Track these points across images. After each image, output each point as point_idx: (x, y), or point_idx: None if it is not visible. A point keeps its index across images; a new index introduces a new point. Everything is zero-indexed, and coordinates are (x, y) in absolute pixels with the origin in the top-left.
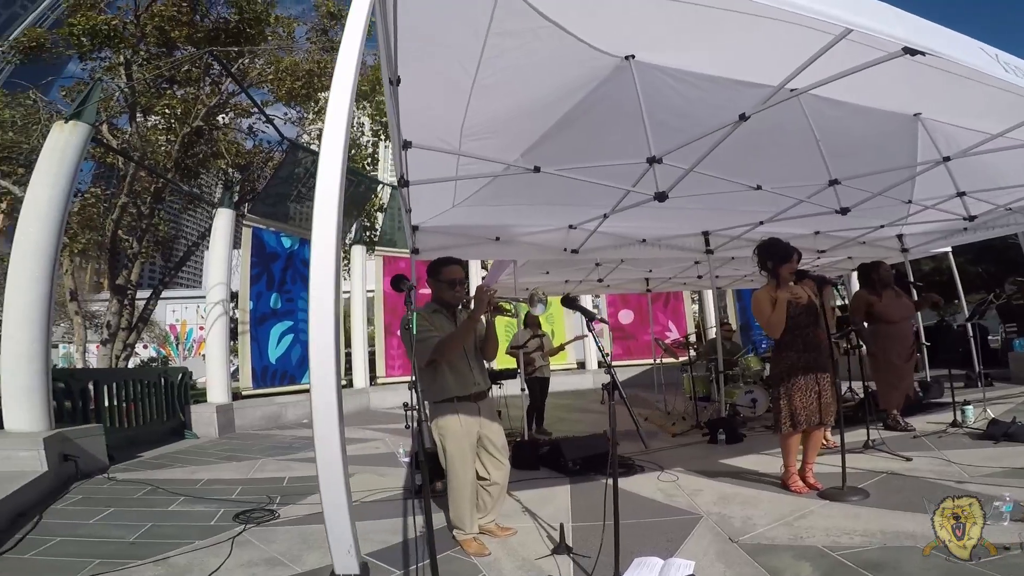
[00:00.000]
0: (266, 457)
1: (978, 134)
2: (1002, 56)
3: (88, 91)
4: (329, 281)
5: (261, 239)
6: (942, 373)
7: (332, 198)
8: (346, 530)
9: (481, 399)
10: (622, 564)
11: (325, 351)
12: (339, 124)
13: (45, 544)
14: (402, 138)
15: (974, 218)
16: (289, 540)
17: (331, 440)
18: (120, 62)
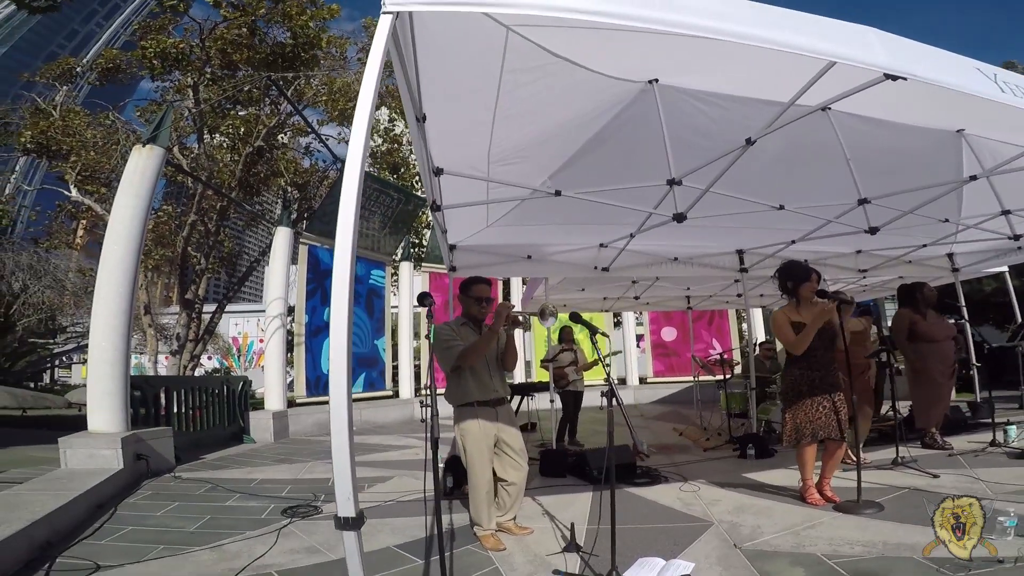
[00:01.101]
0: (315, 460)
1: (1019, 148)
2: (1001, 76)
3: (162, 116)
4: (345, 260)
5: (316, 256)
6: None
7: (348, 227)
8: (347, 483)
9: (500, 405)
10: (629, 564)
11: (339, 333)
12: (357, 153)
13: (118, 532)
14: (434, 165)
15: (1020, 236)
16: (328, 532)
17: (340, 413)
18: (188, 83)
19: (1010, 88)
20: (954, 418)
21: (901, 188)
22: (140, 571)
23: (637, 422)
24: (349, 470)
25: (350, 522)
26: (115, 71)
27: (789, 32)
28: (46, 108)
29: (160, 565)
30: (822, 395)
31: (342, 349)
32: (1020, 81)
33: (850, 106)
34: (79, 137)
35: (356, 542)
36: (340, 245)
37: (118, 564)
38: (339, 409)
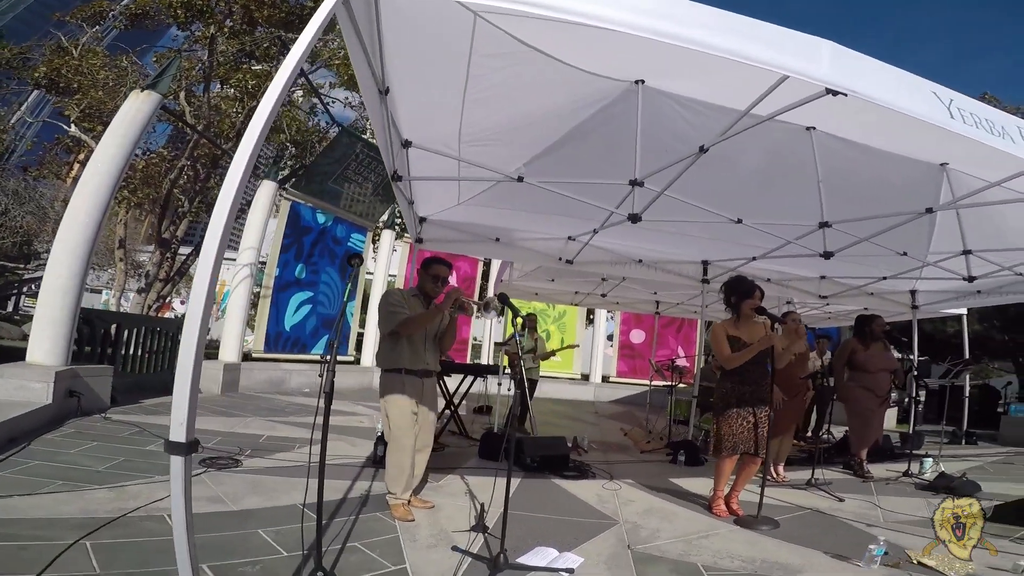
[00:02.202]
0: (256, 417)
1: (1002, 190)
2: (957, 102)
3: (167, 65)
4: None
5: (297, 212)
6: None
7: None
8: (183, 411)
9: (427, 377)
10: (527, 550)
11: (208, 256)
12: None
13: (22, 465)
14: (403, 138)
15: (974, 278)
16: (237, 485)
17: (191, 340)
18: (207, 35)
19: (962, 115)
20: (883, 447)
21: (863, 214)
22: (28, 503)
23: (590, 419)
24: (187, 398)
25: (180, 447)
26: (143, 17)
27: (740, 40)
28: (67, 47)
29: (51, 499)
30: (748, 410)
31: (207, 274)
32: (978, 109)
33: (838, 128)
34: (91, 76)
35: (182, 466)
36: (235, 164)
37: (5, 495)
38: (191, 337)
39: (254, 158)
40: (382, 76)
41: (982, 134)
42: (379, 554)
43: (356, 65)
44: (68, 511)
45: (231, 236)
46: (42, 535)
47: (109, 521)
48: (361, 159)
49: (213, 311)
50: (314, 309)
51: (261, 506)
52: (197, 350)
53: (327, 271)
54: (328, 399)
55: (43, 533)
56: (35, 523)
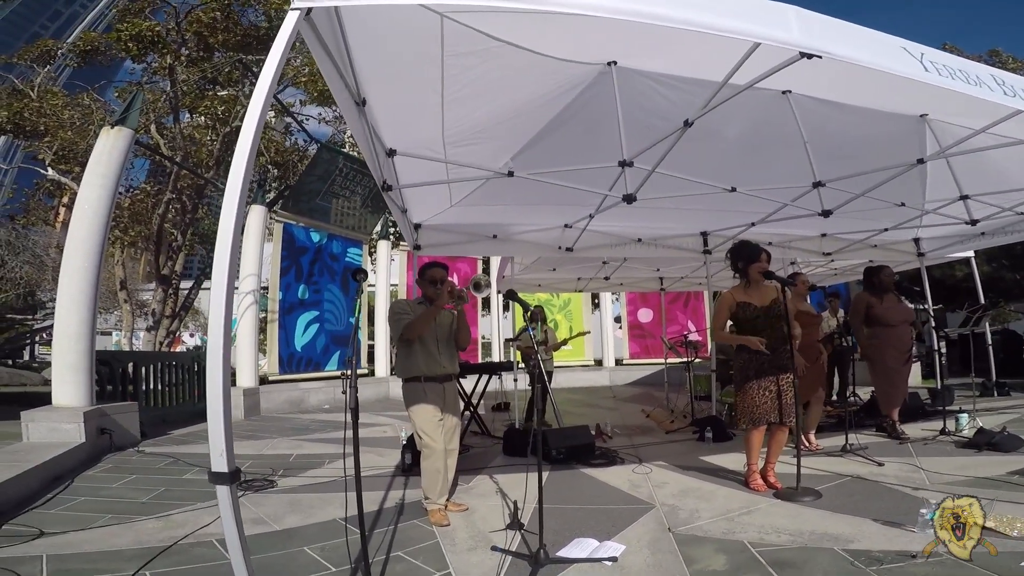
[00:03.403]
0: (281, 437)
1: (988, 136)
2: (928, 56)
3: (131, 99)
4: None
5: (291, 234)
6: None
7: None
8: (220, 440)
9: (447, 381)
10: (566, 543)
11: (219, 290)
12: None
13: (69, 502)
14: (386, 147)
15: (976, 222)
16: (277, 505)
17: (216, 374)
18: (164, 65)
19: (936, 68)
20: (912, 405)
21: (854, 171)
22: (82, 538)
23: (609, 404)
24: (222, 428)
25: (223, 477)
26: (94, 53)
27: (709, 12)
28: (23, 89)
29: (104, 532)
30: (768, 379)
31: (220, 308)
32: (949, 61)
33: (813, 90)
34: (55, 117)
35: (229, 495)
36: (228, 196)
37: (62, 531)
38: (215, 370)
39: (247, 185)
40: (357, 88)
41: (960, 84)
42: (422, 561)
43: (329, 80)
44: (122, 543)
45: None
46: (103, 568)
47: (163, 550)
48: (345, 173)
49: None
50: (322, 327)
51: (302, 523)
52: (224, 381)
53: (329, 288)
54: (355, 415)
55: (103, 566)
56: (93, 557)
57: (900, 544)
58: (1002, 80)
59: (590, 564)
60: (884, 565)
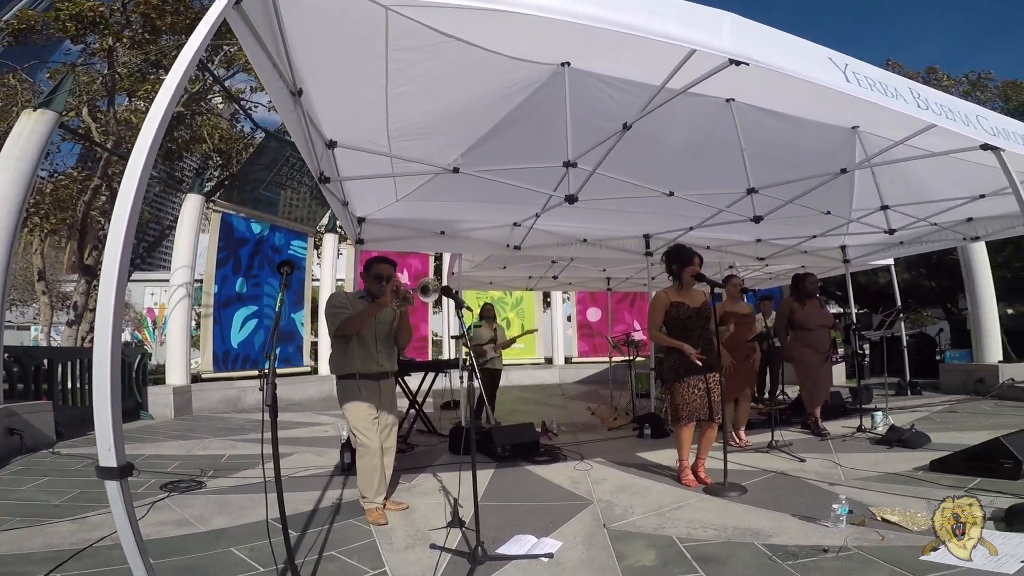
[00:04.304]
0: (214, 437)
1: (908, 148)
2: (852, 66)
3: (60, 81)
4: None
5: (230, 224)
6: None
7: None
8: (108, 434)
9: (383, 379)
10: (506, 540)
11: (109, 276)
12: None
13: None
14: (326, 138)
15: (894, 231)
16: (204, 506)
17: (104, 365)
18: (103, 47)
19: (858, 79)
20: (834, 403)
21: (784, 179)
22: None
23: (557, 402)
24: (110, 421)
25: (111, 472)
26: (29, 32)
27: (648, 16)
28: None
29: (12, 536)
30: (697, 377)
31: (110, 295)
32: (872, 73)
33: (757, 99)
34: None
35: (119, 491)
36: (125, 186)
37: None
38: (103, 362)
39: (150, 163)
40: (292, 78)
41: (877, 95)
42: (357, 560)
43: (259, 68)
44: (32, 546)
45: (161, 257)
46: (10, 571)
47: (76, 552)
48: (293, 163)
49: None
50: (261, 323)
51: (231, 524)
52: (111, 372)
53: (270, 282)
54: (273, 411)
55: (11, 569)
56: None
57: (815, 539)
58: (918, 93)
59: (527, 561)
60: (799, 560)
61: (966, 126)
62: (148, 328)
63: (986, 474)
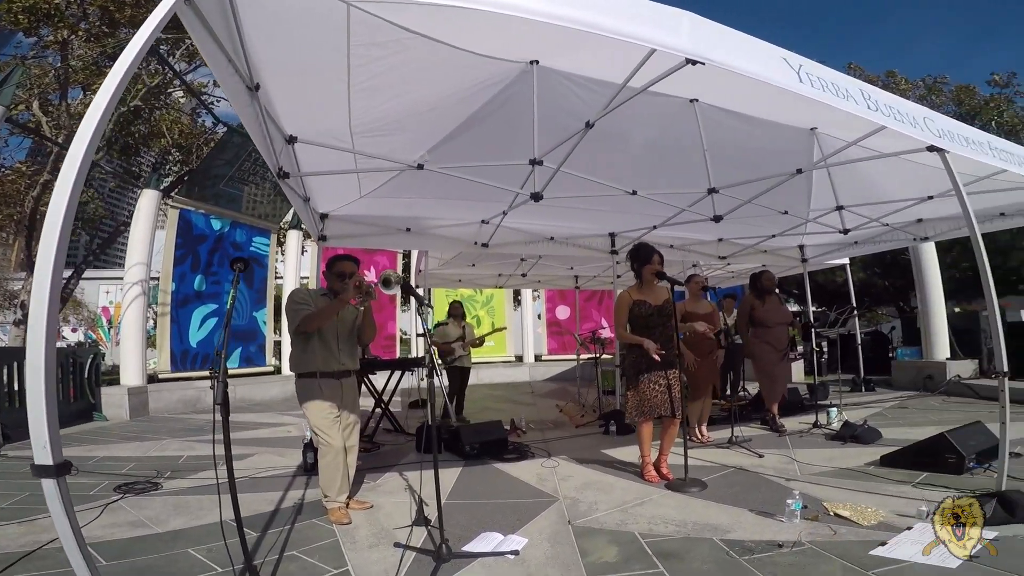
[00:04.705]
0: (172, 438)
1: (861, 149)
2: (806, 67)
3: (8, 73)
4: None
5: (189, 220)
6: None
7: None
8: (43, 431)
9: (344, 377)
10: (473, 538)
11: (44, 268)
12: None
13: None
14: (286, 133)
15: (848, 231)
16: (160, 507)
17: (37, 358)
18: (57, 40)
19: (811, 79)
20: (792, 400)
21: (744, 179)
22: None
23: (527, 399)
24: (44, 418)
25: (46, 470)
26: None
27: (608, 16)
28: None
29: None
30: (658, 374)
31: (44, 288)
32: (825, 74)
33: (719, 100)
34: None
35: (56, 489)
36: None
37: None
38: (36, 355)
39: (91, 154)
40: (249, 73)
41: (829, 96)
42: (319, 559)
43: (213, 63)
44: None
45: (117, 254)
46: None
47: (26, 555)
48: (256, 159)
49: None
50: (221, 322)
51: (188, 525)
52: (46, 366)
53: (230, 280)
54: (224, 410)
55: None
56: None
57: (770, 534)
58: (868, 95)
59: (493, 558)
60: (755, 555)
61: (913, 127)
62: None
63: (932, 469)
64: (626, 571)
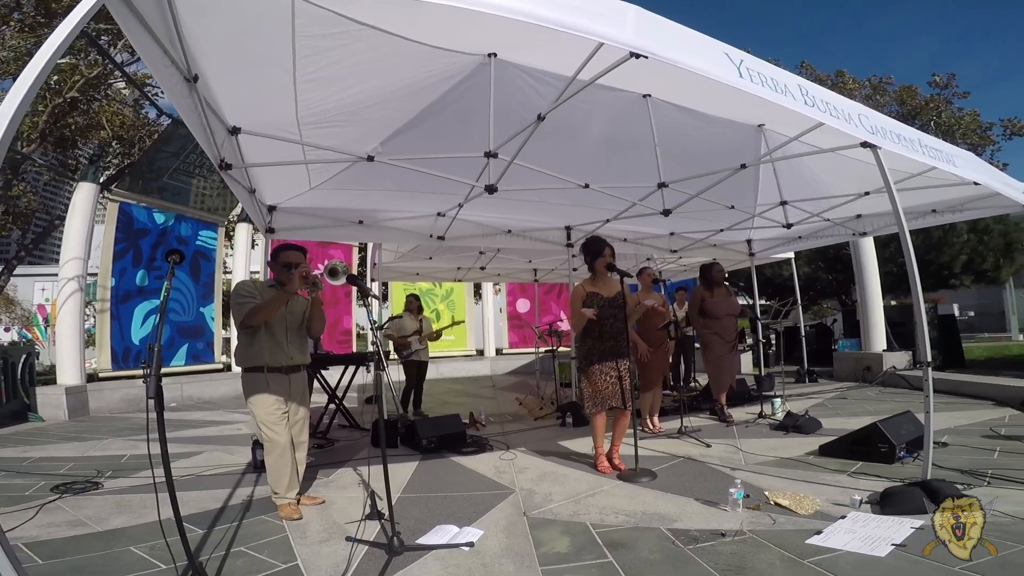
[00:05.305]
0: (114, 438)
1: (802, 145)
2: (747, 63)
3: None
4: None
5: (130, 214)
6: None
7: None
8: None
9: (293, 372)
10: (429, 531)
11: None
12: None
13: None
14: (229, 124)
15: (791, 225)
16: (101, 507)
17: None
18: None
19: (750, 74)
20: (740, 390)
21: (693, 174)
22: None
23: (488, 392)
24: None
25: None
26: None
27: (554, 8)
28: None
29: None
30: (609, 364)
31: None
32: (765, 69)
33: (671, 95)
34: None
35: None
36: None
37: None
38: None
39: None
40: (187, 64)
41: (767, 91)
42: (267, 555)
43: (146, 55)
44: None
45: (53, 250)
46: None
47: None
48: (201, 150)
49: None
50: (166, 317)
51: (130, 524)
52: None
53: (176, 275)
54: (159, 405)
55: None
56: None
57: (714, 523)
58: (806, 91)
59: (448, 550)
60: (699, 544)
61: (848, 123)
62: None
63: (866, 458)
64: (577, 562)
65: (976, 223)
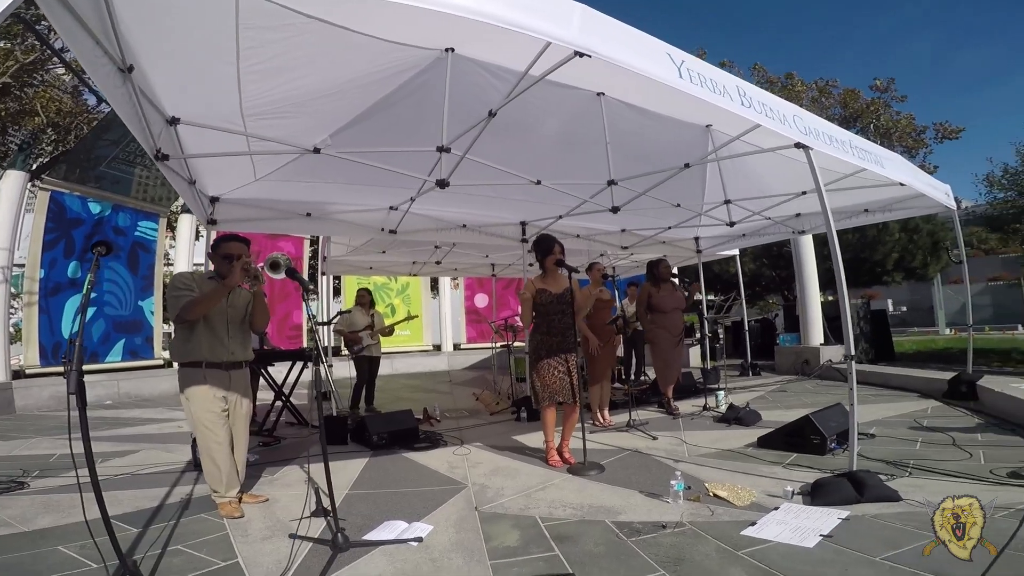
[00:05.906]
0: (43, 436)
1: (744, 144)
2: (688, 63)
3: None
4: None
5: (62, 203)
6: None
7: None
8: None
9: (234, 369)
10: (376, 527)
11: None
12: None
13: None
14: (168, 115)
15: (735, 223)
16: (27, 507)
17: None
18: None
19: (691, 75)
20: (687, 384)
21: (642, 172)
22: None
23: (444, 388)
24: None
25: None
26: None
27: (498, 5)
28: None
29: None
30: (558, 359)
31: None
32: (705, 70)
33: (624, 94)
34: None
35: None
36: None
37: None
38: None
39: None
40: (121, 55)
41: (706, 92)
42: (206, 553)
43: (76, 46)
44: None
45: None
46: None
47: None
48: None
49: None
50: (100, 311)
51: (58, 523)
52: None
53: (111, 267)
54: (80, 401)
55: None
56: None
57: (657, 515)
58: (744, 92)
59: (396, 546)
60: (641, 536)
61: (782, 124)
62: None
63: (800, 449)
64: (525, 555)
65: (907, 223)
